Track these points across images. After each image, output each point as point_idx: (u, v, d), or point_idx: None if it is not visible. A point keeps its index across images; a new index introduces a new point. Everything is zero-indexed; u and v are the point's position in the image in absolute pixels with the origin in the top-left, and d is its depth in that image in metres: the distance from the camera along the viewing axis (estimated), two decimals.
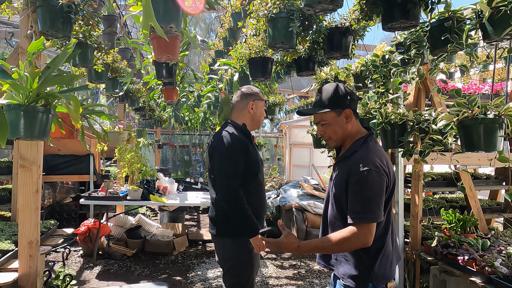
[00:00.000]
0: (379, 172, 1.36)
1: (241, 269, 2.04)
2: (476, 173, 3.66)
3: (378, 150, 1.45)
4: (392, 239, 1.49)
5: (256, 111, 2.14)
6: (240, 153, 2.02)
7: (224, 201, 1.99)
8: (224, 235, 2.05)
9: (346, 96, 1.49)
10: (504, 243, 2.54)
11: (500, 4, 1.60)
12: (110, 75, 3.54)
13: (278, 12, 1.95)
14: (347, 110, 1.49)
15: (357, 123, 1.54)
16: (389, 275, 1.45)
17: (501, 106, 1.69)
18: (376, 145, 1.48)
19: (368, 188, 1.35)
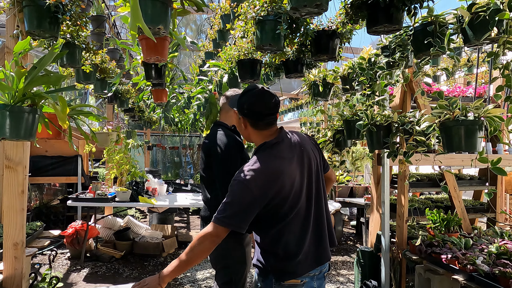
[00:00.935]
0: (245, 185, 1.39)
1: (234, 267, 2.07)
2: (460, 174, 3.74)
3: (262, 167, 1.43)
4: (301, 242, 1.49)
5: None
6: (237, 151, 2.06)
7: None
8: None
9: (244, 105, 1.50)
10: (486, 242, 2.61)
11: (480, 10, 1.66)
12: (98, 75, 3.52)
13: (266, 14, 1.97)
14: (242, 118, 1.53)
15: (257, 135, 1.54)
16: (289, 273, 1.48)
17: (481, 108, 1.74)
18: (263, 160, 1.46)
19: (232, 194, 1.41)
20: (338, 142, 3.03)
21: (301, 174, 1.51)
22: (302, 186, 1.50)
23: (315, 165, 1.58)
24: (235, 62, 2.88)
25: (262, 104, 1.48)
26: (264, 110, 1.48)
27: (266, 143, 1.50)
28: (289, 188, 1.45)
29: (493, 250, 2.33)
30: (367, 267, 3.11)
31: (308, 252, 1.51)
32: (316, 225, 1.56)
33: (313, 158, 1.58)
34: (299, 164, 1.51)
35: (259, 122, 1.50)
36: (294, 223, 1.49)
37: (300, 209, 1.50)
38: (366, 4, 1.63)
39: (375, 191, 3.27)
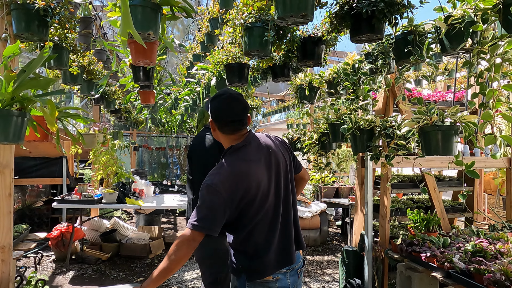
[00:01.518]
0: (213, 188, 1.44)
1: (218, 266, 2.10)
2: (440, 175, 3.88)
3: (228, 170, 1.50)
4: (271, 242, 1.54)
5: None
6: (219, 155, 2.09)
7: None
8: None
9: (212, 109, 1.56)
10: (463, 241, 2.73)
11: (455, 21, 1.76)
12: (85, 77, 3.51)
13: (254, 21, 2.03)
14: (211, 122, 1.58)
15: (225, 138, 1.59)
16: (261, 272, 1.53)
17: (457, 114, 1.84)
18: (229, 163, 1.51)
19: (201, 200, 1.46)
20: (323, 144, 3.12)
21: (268, 176, 1.54)
22: (269, 188, 1.54)
23: (283, 167, 1.62)
24: (223, 66, 2.93)
25: (229, 111, 1.53)
26: (230, 117, 1.53)
27: (232, 146, 1.54)
28: (255, 190, 1.49)
29: (469, 248, 2.44)
30: (351, 266, 3.20)
31: (277, 251, 1.56)
32: (284, 226, 1.60)
33: (282, 160, 1.62)
34: (266, 166, 1.55)
35: (225, 128, 1.55)
36: (262, 223, 1.53)
37: (268, 210, 1.54)
38: (349, 14, 1.71)
39: (359, 192, 3.36)
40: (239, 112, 1.54)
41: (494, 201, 7.28)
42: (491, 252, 2.39)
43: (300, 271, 1.68)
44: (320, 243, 5.63)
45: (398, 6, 1.69)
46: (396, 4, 1.68)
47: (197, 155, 2.11)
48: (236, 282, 1.60)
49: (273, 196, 1.56)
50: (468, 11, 1.80)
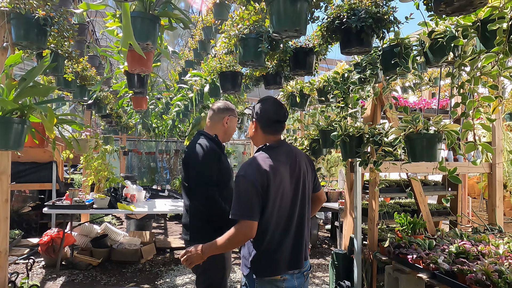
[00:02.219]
0: (246, 178, 1.61)
1: (214, 271, 2.15)
2: (426, 180, 4.02)
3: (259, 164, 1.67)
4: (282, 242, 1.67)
5: (230, 126, 2.30)
6: (214, 162, 2.15)
7: (204, 206, 2.11)
8: (198, 241, 2.15)
9: (259, 110, 1.77)
10: (447, 243, 2.85)
11: (438, 36, 1.88)
12: (79, 82, 3.54)
13: (249, 33, 2.11)
14: (254, 120, 1.78)
15: (263, 137, 1.77)
16: (269, 270, 1.66)
17: (440, 123, 1.95)
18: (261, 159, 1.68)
19: (237, 190, 1.63)
20: (314, 150, 3.21)
21: (290, 180, 1.71)
22: (289, 191, 1.70)
23: (304, 178, 1.77)
24: (217, 73, 3.00)
25: (275, 113, 1.75)
26: (276, 118, 1.75)
27: (266, 145, 1.75)
28: (277, 188, 1.64)
29: (453, 250, 2.56)
30: (341, 268, 3.29)
31: (287, 253, 1.68)
32: (298, 231, 1.72)
33: (305, 172, 1.78)
34: (291, 171, 1.72)
35: (267, 128, 1.75)
36: (277, 223, 1.67)
37: (285, 211, 1.68)
38: (339, 28, 1.81)
39: (348, 196, 3.46)
40: (283, 115, 1.77)
41: (478, 204, 7.51)
42: (473, 253, 2.51)
43: (306, 273, 1.80)
44: (310, 247, 5.71)
45: (385, 22, 1.80)
46: (384, 20, 1.79)
47: (194, 162, 2.17)
48: (245, 280, 1.70)
49: (290, 199, 1.71)
50: (450, 27, 1.92)
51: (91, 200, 4.44)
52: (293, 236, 1.70)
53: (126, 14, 1.62)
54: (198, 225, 2.17)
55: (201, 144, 2.20)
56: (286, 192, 1.67)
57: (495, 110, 1.65)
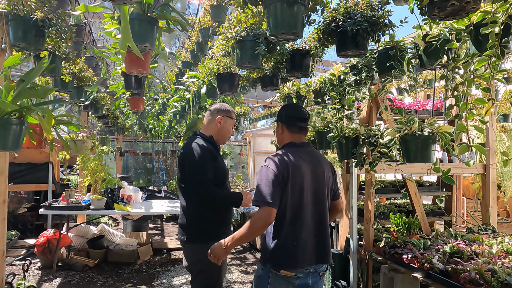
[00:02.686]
0: (269, 168, 1.75)
1: (210, 271, 2.17)
2: (421, 180, 4.06)
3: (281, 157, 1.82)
4: (299, 236, 1.77)
5: (223, 127, 2.32)
6: (210, 162, 2.18)
7: (200, 207, 2.15)
8: (195, 241, 2.17)
9: (283, 112, 1.96)
10: (442, 242, 2.88)
11: (432, 39, 1.91)
12: (76, 83, 3.54)
13: (246, 35, 2.13)
14: (279, 124, 1.96)
15: (289, 137, 1.93)
16: (285, 262, 1.74)
17: (434, 125, 1.99)
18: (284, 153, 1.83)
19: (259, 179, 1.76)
20: None
21: (312, 178, 1.83)
22: (309, 188, 1.81)
23: (325, 181, 1.88)
24: (214, 75, 3.02)
25: (299, 112, 1.93)
26: (300, 116, 1.92)
27: (293, 142, 1.90)
28: (299, 183, 1.76)
29: (447, 250, 2.59)
30: (337, 268, 3.31)
31: (305, 249, 1.76)
32: (317, 229, 1.82)
33: (326, 177, 1.90)
34: (313, 171, 1.84)
35: (293, 126, 1.91)
36: (296, 218, 1.77)
37: (304, 208, 1.78)
38: (336, 31, 1.83)
39: (345, 197, 3.49)
40: (306, 114, 1.96)
41: (473, 205, 7.58)
42: (467, 253, 2.55)
43: (322, 274, 1.88)
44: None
45: (380, 25, 1.83)
46: (379, 24, 1.82)
47: (189, 162, 2.18)
48: (261, 271, 1.81)
49: (310, 196, 1.82)
50: (444, 30, 1.95)
51: (88, 201, 4.43)
52: (311, 234, 1.79)
53: (124, 17, 1.64)
54: (195, 225, 2.18)
55: (197, 144, 2.22)
56: (306, 188, 1.77)
57: (488, 112, 1.69)
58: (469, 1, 1.26)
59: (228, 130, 2.35)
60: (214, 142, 2.31)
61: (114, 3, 1.50)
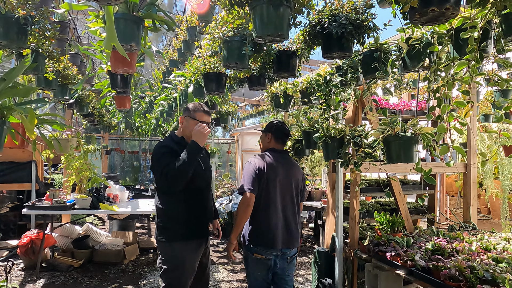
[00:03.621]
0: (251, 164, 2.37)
1: (171, 272, 2.19)
2: (405, 179, 4.14)
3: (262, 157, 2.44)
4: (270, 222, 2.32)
5: (186, 127, 2.28)
6: (168, 157, 2.15)
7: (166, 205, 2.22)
8: (160, 239, 2.24)
9: (273, 127, 2.58)
10: (424, 240, 2.95)
11: (415, 42, 1.96)
12: (60, 81, 3.48)
13: (232, 35, 2.14)
14: (268, 134, 2.58)
15: (273, 144, 2.56)
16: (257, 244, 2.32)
17: (417, 126, 2.03)
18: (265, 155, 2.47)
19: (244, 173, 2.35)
20: (297, 151, 3.27)
21: (284, 177, 2.42)
22: (281, 185, 2.38)
23: (296, 183, 2.49)
24: (201, 74, 3.01)
25: (284, 129, 2.60)
26: (284, 131, 2.60)
27: (275, 148, 2.54)
28: (273, 178, 2.35)
29: (429, 247, 2.66)
30: (323, 266, 3.36)
31: (274, 234, 2.29)
32: (285, 219, 2.38)
33: (296, 179, 2.51)
34: (286, 172, 2.45)
35: (278, 139, 2.57)
36: (269, 206, 2.32)
37: (276, 199, 2.34)
38: (321, 34, 1.85)
39: (331, 196, 3.54)
40: (288, 132, 2.64)
41: (456, 202, 7.77)
42: (448, 250, 2.62)
43: (290, 259, 2.45)
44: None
45: (365, 28, 1.86)
46: (363, 26, 1.85)
47: (153, 163, 2.24)
48: (244, 254, 2.44)
49: (280, 192, 2.37)
50: (426, 33, 2.00)
51: (73, 200, 4.37)
52: (280, 222, 2.32)
53: (109, 16, 1.62)
54: (161, 223, 2.24)
55: (160, 144, 2.27)
56: (278, 185, 2.33)
57: (467, 114, 1.74)
58: (449, 8, 1.29)
59: (191, 131, 2.24)
60: (181, 142, 2.29)
61: (98, 3, 1.49)
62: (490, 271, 2.12)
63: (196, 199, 2.30)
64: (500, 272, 2.11)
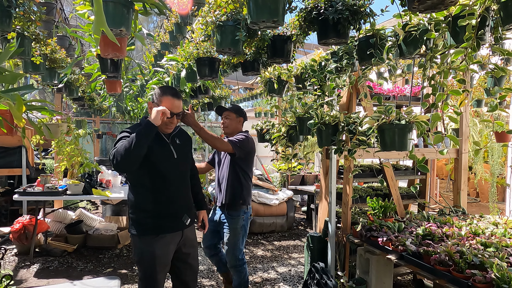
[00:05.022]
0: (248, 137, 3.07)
1: (143, 265, 2.16)
2: (397, 165, 4.18)
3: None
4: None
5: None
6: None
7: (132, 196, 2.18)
8: (133, 231, 2.19)
9: (244, 113, 3.19)
10: (415, 225, 3.01)
11: (412, 29, 1.92)
12: (47, 65, 3.38)
13: (226, 20, 2.08)
14: (240, 118, 3.15)
15: (241, 128, 3.18)
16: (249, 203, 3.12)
17: (411, 114, 2.03)
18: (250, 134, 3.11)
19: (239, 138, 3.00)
20: (291, 137, 3.26)
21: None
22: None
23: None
24: (194, 59, 2.94)
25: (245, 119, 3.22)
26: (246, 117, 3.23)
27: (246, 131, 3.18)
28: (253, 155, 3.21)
29: (420, 232, 2.71)
30: (316, 250, 3.42)
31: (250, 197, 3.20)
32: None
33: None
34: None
35: (243, 122, 3.22)
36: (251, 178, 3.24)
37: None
38: (317, 19, 1.81)
39: (324, 181, 3.56)
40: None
41: (446, 185, 7.91)
42: (438, 235, 2.67)
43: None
44: (286, 229, 5.87)
45: (361, 14, 1.82)
46: (360, 12, 1.81)
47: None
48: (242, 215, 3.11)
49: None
50: (423, 19, 1.96)
51: (65, 186, 4.33)
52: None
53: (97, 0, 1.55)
54: (135, 217, 2.18)
55: (123, 130, 2.19)
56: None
57: (462, 103, 1.73)
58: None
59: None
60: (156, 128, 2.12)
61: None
62: (479, 256, 2.17)
63: (167, 191, 2.18)
64: (488, 257, 2.16)
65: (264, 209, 5.63)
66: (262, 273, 4.06)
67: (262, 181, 6.20)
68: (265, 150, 4.30)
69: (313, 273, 3.06)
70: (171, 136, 2.29)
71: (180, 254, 2.31)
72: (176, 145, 2.29)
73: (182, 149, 2.32)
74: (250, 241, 5.34)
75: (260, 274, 4.04)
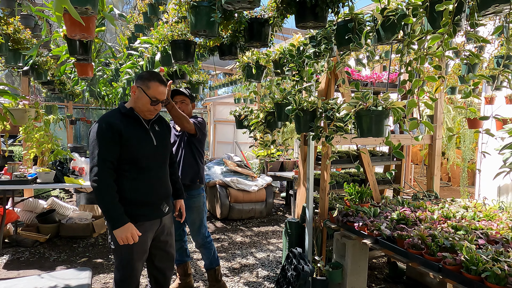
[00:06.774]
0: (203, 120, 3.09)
1: (119, 254, 2.13)
2: (374, 151, 4.24)
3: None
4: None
5: (138, 98, 2.10)
6: (109, 137, 2.00)
7: (96, 192, 2.00)
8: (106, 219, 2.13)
9: (194, 98, 3.15)
10: (390, 210, 3.07)
11: (390, 14, 1.90)
12: (11, 46, 3.16)
13: (200, 0, 1.98)
14: (193, 103, 3.20)
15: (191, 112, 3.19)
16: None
17: (388, 100, 2.02)
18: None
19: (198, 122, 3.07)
20: (269, 123, 3.22)
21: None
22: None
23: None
24: (168, 42, 2.82)
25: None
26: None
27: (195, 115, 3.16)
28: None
29: (395, 217, 2.77)
30: (293, 236, 3.44)
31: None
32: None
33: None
34: None
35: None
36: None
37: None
38: (294, 1, 1.75)
39: (302, 167, 3.57)
40: None
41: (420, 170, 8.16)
42: (412, 219, 2.74)
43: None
44: (265, 215, 5.91)
45: None
46: None
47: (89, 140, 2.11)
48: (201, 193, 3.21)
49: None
50: (402, 4, 1.94)
51: (35, 174, 4.15)
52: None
53: None
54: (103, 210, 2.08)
55: (103, 120, 2.06)
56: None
57: (438, 90, 1.74)
58: None
59: (143, 104, 2.10)
60: (130, 114, 2.12)
61: None
62: (450, 239, 2.23)
63: (146, 178, 2.13)
64: (459, 240, 2.23)
65: (243, 195, 5.62)
66: (240, 259, 4.07)
67: (241, 167, 6.17)
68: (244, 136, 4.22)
69: (290, 258, 3.09)
70: (151, 122, 2.23)
71: (157, 242, 2.27)
72: (156, 132, 2.22)
73: (161, 136, 2.26)
74: (229, 227, 5.34)
75: (239, 260, 4.05)
